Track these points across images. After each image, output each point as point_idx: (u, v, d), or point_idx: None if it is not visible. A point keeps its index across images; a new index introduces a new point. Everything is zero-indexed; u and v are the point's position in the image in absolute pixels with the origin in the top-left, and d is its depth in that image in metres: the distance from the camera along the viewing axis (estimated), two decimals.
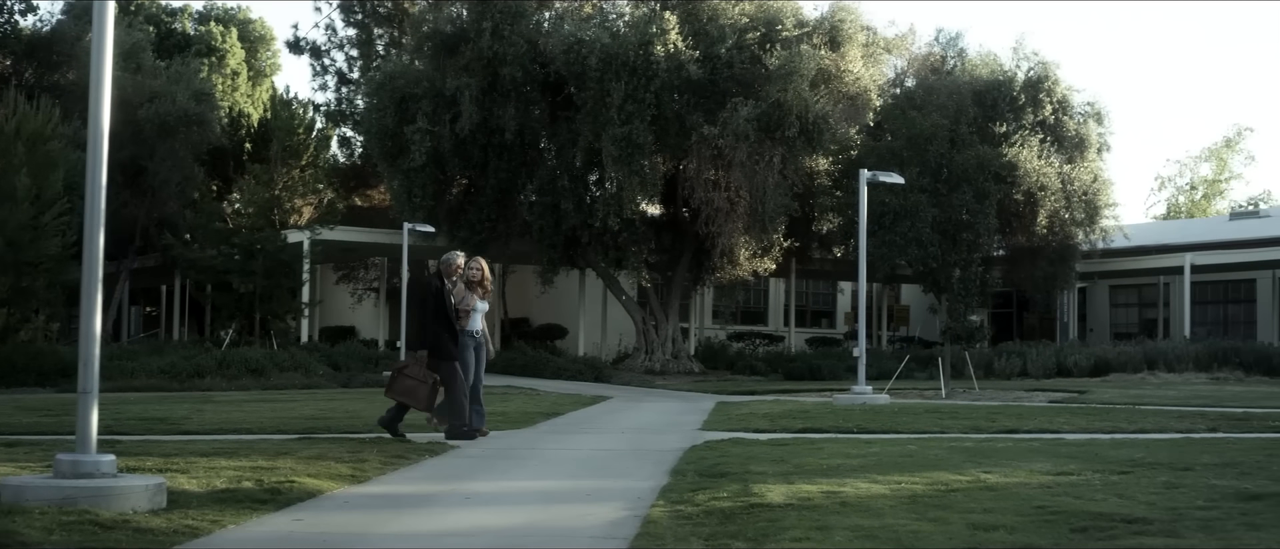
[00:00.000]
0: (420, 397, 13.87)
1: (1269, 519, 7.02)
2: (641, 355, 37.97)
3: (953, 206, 37.32)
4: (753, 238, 35.87)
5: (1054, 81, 42.99)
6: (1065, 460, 10.56)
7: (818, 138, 34.60)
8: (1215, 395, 26.14)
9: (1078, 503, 7.79)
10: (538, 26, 35.94)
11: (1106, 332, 51.49)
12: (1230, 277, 49.67)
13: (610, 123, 33.02)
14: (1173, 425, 15.96)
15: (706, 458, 11.18)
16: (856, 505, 7.86)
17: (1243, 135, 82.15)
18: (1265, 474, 9.34)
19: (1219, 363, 37.81)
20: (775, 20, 35.04)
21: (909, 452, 11.74)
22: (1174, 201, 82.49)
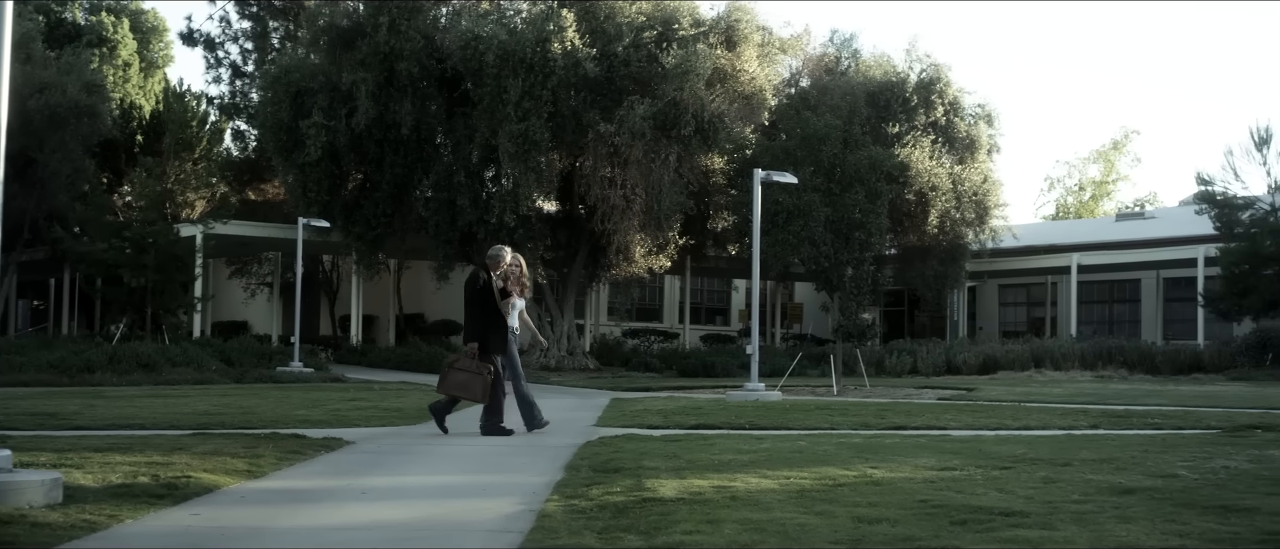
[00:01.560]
0: (475, 390, 14.04)
1: (1140, 512, 7.31)
2: (537, 352, 38.04)
3: (845, 206, 37.74)
4: (648, 235, 36.08)
5: (946, 83, 43.59)
6: (950, 456, 10.82)
7: (713, 137, 34.89)
8: (1099, 393, 26.71)
9: (959, 497, 8.04)
10: (435, 22, 35.90)
11: (995, 330, 52.29)
12: (1116, 277, 50.63)
13: (507, 119, 33.06)
14: (1056, 422, 16.32)
15: (601, 454, 11.32)
16: (746, 499, 8.05)
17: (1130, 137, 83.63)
18: (1140, 469, 9.65)
19: (1104, 361, 38.56)
20: (672, 19, 35.23)
21: (799, 447, 11.96)
22: (1063, 202, 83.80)
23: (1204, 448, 11.66)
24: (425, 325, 45.71)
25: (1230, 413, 18.56)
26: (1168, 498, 7.93)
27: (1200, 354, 38.75)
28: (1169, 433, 14.28)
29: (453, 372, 14.24)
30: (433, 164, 36.20)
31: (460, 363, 14.25)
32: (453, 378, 14.19)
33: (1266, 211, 39.67)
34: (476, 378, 13.98)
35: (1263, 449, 11.44)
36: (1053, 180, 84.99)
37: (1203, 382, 33.85)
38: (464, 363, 14.17)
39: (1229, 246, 39.96)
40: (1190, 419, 16.87)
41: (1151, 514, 7.24)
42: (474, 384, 14.02)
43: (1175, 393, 26.89)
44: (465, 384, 14.10)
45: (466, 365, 14.10)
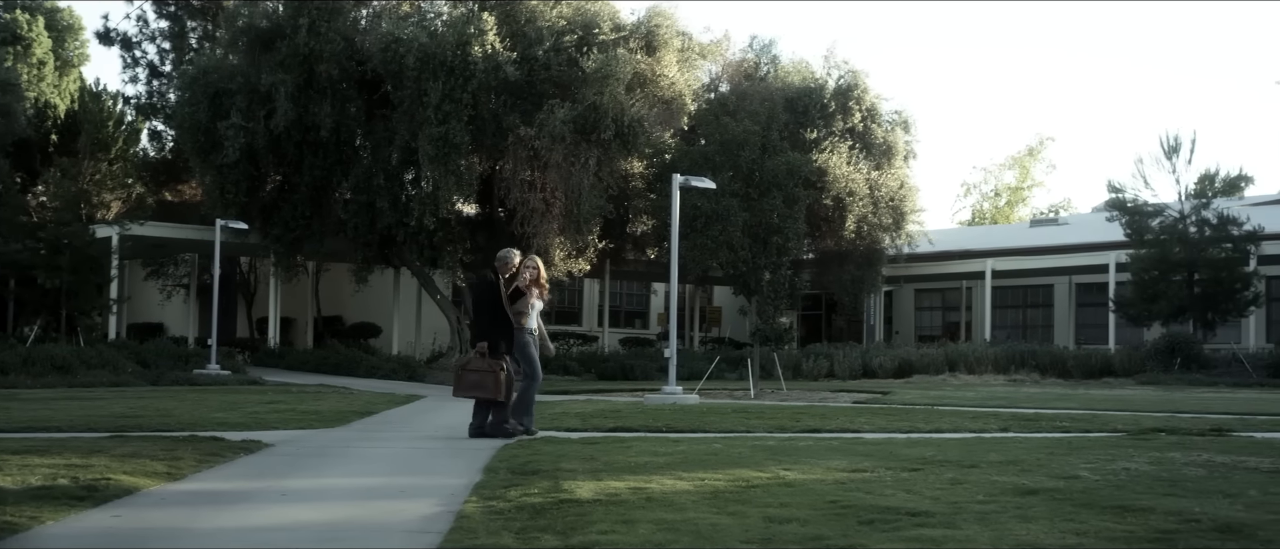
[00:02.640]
0: (490, 387, 14.10)
1: (1040, 512, 7.55)
2: (456, 355, 37.99)
3: (763, 211, 38.03)
4: (568, 238, 36.17)
5: (863, 90, 44.05)
6: (861, 458, 11.05)
7: (633, 141, 35.04)
8: (1011, 396, 27.15)
9: (868, 498, 8.25)
10: (355, 24, 35.83)
11: (911, 334, 52.89)
12: (1030, 282, 51.37)
13: (427, 122, 33.07)
14: (967, 425, 16.63)
15: (519, 456, 11.45)
16: (661, 500, 8.22)
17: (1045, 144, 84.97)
18: (1044, 471, 9.92)
19: (1017, 365, 39.17)
20: (592, 23, 35.36)
21: (714, 450, 12.14)
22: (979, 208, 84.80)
23: (1108, 450, 11.96)
24: (344, 328, 45.58)
25: (1137, 416, 18.95)
26: (1068, 499, 8.19)
27: (1111, 358, 39.44)
28: (1076, 436, 14.58)
29: (466, 373, 14.37)
30: (352, 166, 36.11)
31: (472, 363, 14.34)
32: (467, 379, 14.31)
33: (1176, 219, 40.46)
34: (490, 375, 14.10)
35: (1163, 452, 11.76)
36: (969, 186, 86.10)
37: (1113, 385, 34.45)
38: (476, 363, 14.26)
39: (1139, 253, 40.72)
40: (1097, 423, 17.21)
41: (1051, 514, 7.48)
42: (488, 382, 14.13)
43: (1085, 397, 27.38)
44: (480, 383, 14.19)
45: (479, 365, 14.21)
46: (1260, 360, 37.38)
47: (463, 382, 14.38)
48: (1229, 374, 36.33)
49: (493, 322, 14.40)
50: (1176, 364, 37.37)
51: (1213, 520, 7.15)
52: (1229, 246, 40.13)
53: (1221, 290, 39.66)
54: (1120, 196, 42.82)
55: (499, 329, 14.36)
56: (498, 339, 14.31)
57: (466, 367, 14.45)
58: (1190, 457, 11.24)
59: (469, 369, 14.36)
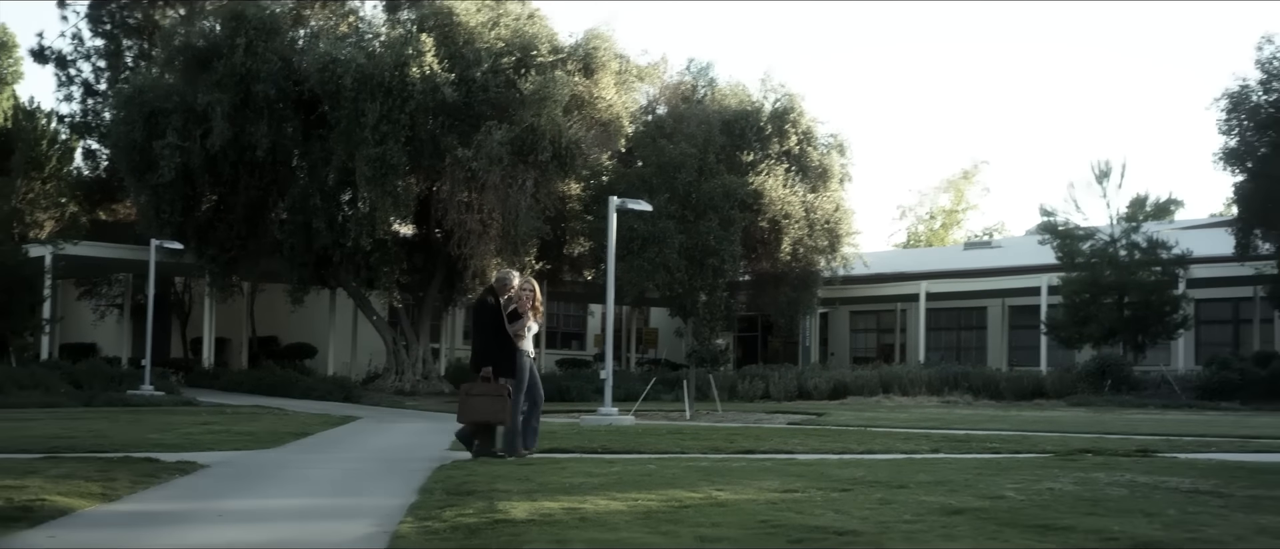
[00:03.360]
0: (499, 411, 14.12)
1: (965, 531, 7.72)
2: (392, 376, 38.01)
3: (700, 233, 38.20)
4: (505, 260, 36.17)
5: (799, 113, 44.34)
6: (793, 479, 11.20)
7: (570, 163, 35.20)
8: (943, 418, 27.40)
9: (798, 517, 8.39)
10: (292, 44, 35.83)
11: (846, 355, 53.18)
12: (964, 304, 51.74)
13: (364, 143, 33.08)
14: (898, 446, 16.81)
15: (454, 477, 11.51)
16: (595, 521, 8.32)
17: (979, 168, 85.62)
18: (971, 491, 10.11)
19: (950, 387, 39.47)
20: (531, 46, 35.51)
21: (649, 471, 12.26)
22: (914, 230, 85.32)
23: (1035, 471, 12.17)
24: (279, 348, 45.36)
25: (1066, 438, 19.20)
26: (993, 518, 8.37)
27: (1043, 380, 39.85)
28: (1005, 457, 14.79)
29: (471, 399, 14.29)
30: (288, 186, 36.05)
31: (477, 388, 14.27)
32: (473, 405, 14.24)
33: (1106, 242, 40.93)
34: (497, 399, 14.09)
35: (1088, 472, 11.98)
36: (905, 209, 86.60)
37: (1044, 407, 34.80)
38: (480, 387, 14.22)
39: (1071, 276, 41.15)
40: (1027, 444, 17.44)
41: (975, 533, 7.65)
42: (496, 406, 14.11)
43: (1016, 418, 27.67)
44: (486, 408, 14.17)
45: (484, 390, 14.17)
46: (1189, 382, 37.89)
47: (469, 407, 14.30)
48: (1158, 396, 36.82)
49: (496, 344, 14.41)
50: (1107, 386, 37.80)
51: (1131, 539, 7.34)
52: (1158, 270, 40.64)
53: (1151, 313, 40.13)
54: (1052, 220, 43.27)
55: (502, 352, 14.38)
56: (501, 362, 14.33)
57: (471, 392, 14.36)
58: (1114, 477, 11.46)
59: (473, 394, 14.30)
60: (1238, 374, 36.46)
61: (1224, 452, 16.23)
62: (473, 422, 14.34)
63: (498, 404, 14.08)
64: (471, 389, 14.38)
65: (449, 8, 35.42)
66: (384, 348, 39.58)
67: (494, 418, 14.21)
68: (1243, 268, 40.98)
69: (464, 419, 14.46)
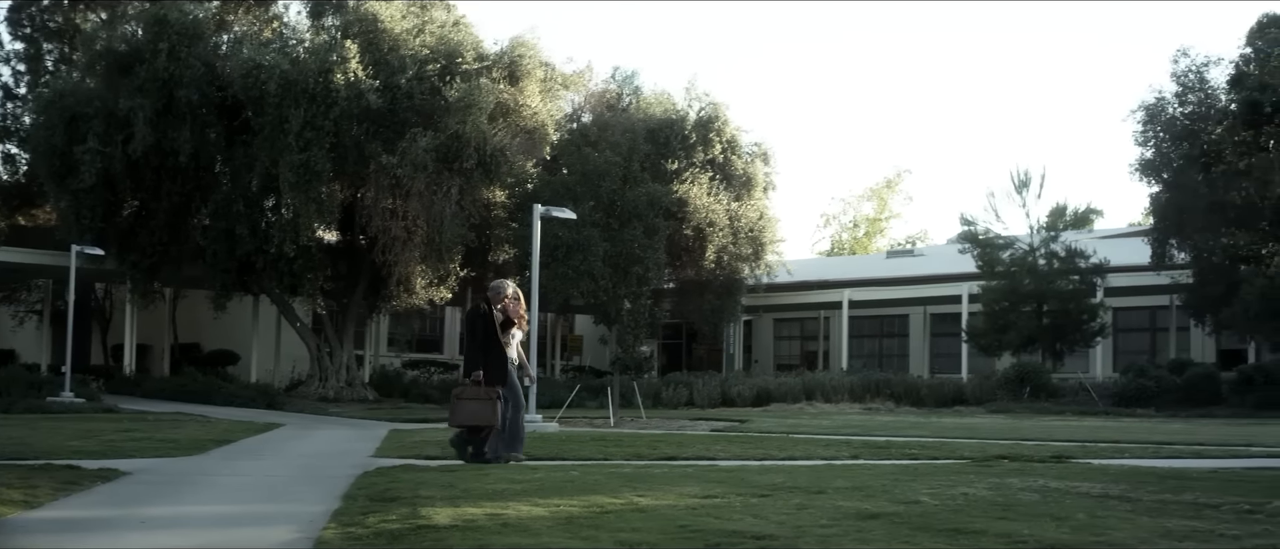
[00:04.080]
0: (488, 415, 14.25)
1: (878, 535, 7.89)
2: (315, 383, 37.89)
3: (624, 241, 38.36)
4: (429, 266, 36.23)
5: (724, 122, 44.64)
6: (714, 485, 11.33)
7: (495, 170, 35.25)
8: (865, 425, 27.66)
9: (717, 522, 8.53)
10: (216, 49, 35.65)
11: (770, 363, 53.51)
12: (886, 312, 52.20)
13: (288, 149, 32.98)
14: (819, 453, 16.98)
15: (378, 483, 11.54)
16: (516, 526, 8.42)
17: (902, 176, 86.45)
18: (887, 496, 10.28)
19: (872, 394, 39.82)
20: (456, 53, 35.54)
21: (571, 477, 12.35)
22: (838, 238, 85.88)
23: (950, 476, 12.37)
24: (202, 355, 45.04)
25: (984, 444, 19.46)
26: (906, 522, 8.54)
27: (963, 387, 40.29)
28: (923, 463, 14.99)
29: (462, 402, 14.45)
30: (212, 192, 35.87)
31: (468, 392, 14.42)
32: (464, 408, 14.42)
33: (1026, 251, 41.47)
34: (487, 404, 14.25)
35: (1003, 478, 12.19)
36: (829, 217, 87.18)
37: (964, 414, 35.18)
38: (471, 391, 14.36)
39: (990, 284, 41.65)
40: (945, 450, 17.67)
41: (889, 537, 7.82)
42: (486, 410, 14.27)
43: (937, 425, 28.00)
44: (477, 412, 14.33)
45: (475, 394, 14.31)
46: (1106, 389, 38.44)
47: (460, 411, 14.49)
48: (1076, 402, 37.32)
49: (486, 351, 14.55)
50: (1026, 393, 38.28)
51: (1038, 542, 7.53)
52: (1077, 279, 41.23)
53: (1069, 321, 40.70)
54: (972, 229, 43.81)
55: (494, 359, 14.54)
56: (492, 369, 14.48)
57: (462, 396, 14.52)
58: (1027, 482, 11.68)
59: (464, 398, 14.46)
60: (1154, 382, 37.03)
61: (1137, 457, 16.54)
62: (463, 425, 14.54)
63: (487, 407, 14.27)
64: (462, 393, 14.55)
65: (374, 14, 35.38)
66: (307, 355, 39.43)
67: (483, 421, 14.38)
68: (1159, 277, 41.65)
69: (455, 423, 14.68)
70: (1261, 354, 38.92)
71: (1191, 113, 39.36)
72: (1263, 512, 9.27)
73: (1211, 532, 8.16)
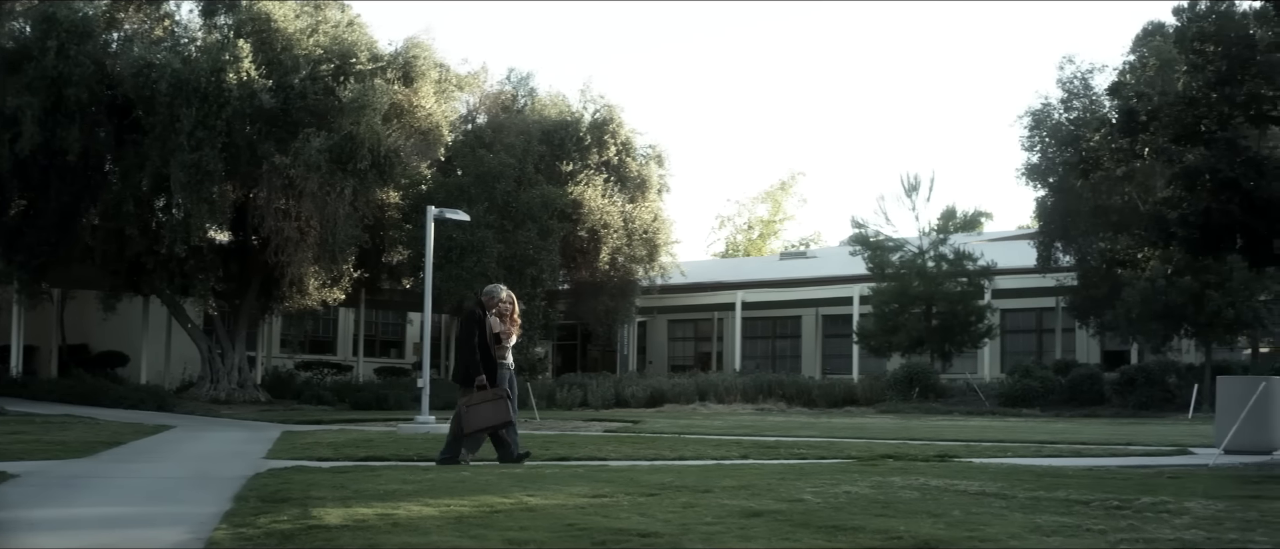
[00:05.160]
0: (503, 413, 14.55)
1: (760, 532, 8.11)
2: (207, 384, 37.59)
3: (518, 242, 38.48)
4: (323, 268, 36.07)
5: (619, 124, 44.88)
6: (604, 485, 11.51)
7: (389, 171, 35.20)
8: (756, 425, 28.03)
9: (604, 521, 8.70)
10: (106, 47, 35.22)
11: (664, 364, 53.82)
12: (779, 313, 52.72)
13: (180, 148, 32.70)
14: (709, 453, 17.22)
15: (269, 485, 11.59)
16: (407, 525, 8.55)
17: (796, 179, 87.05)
18: (772, 495, 10.52)
19: (765, 395, 40.29)
20: (350, 53, 35.43)
21: (463, 478, 12.47)
22: (733, 240, 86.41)
23: (835, 475, 12.64)
24: (90, 357, 44.42)
25: (871, 444, 19.81)
26: (789, 520, 8.77)
27: (854, 388, 40.88)
28: (810, 462, 15.27)
29: (474, 409, 14.55)
30: (101, 192, 35.46)
31: (476, 398, 14.54)
32: (478, 413, 14.54)
33: (915, 254, 42.11)
34: (498, 403, 14.51)
35: (886, 476, 12.49)
36: (724, 219, 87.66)
37: (855, 414, 35.72)
38: (479, 397, 14.52)
39: (880, 286, 42.26)
40: (833, 450, 17.98)
41: (770, 533, 8.04)
42: (498, 411, 14.53)
43: (826, 425, 28.44)
44: (492, 414, 14.54)
45: (483, 398, 14.50)
46: (993, 390, 39.18)
47: (474, 417, 14.59)
48: (964, 403, 38.03)
49: (483, 355, 14.72)
50: (915, 393, 38.91)
51: (914, 538, 7.79)
52: (965, 281, 41.95)
53: (957, 322, 41.41)
54: (863, 232, 44.45)
55: (488, 363, 14.72)
56: (494, 370, 14.71)
57: (471, 404, 14.60)
58: (909, 480, 11.98)
59: (474, 405, 14.57)
60: (1039, 382, 37.80)
61: (1018, 456, 16.94)
62: (480, 429, 14.70)
63: (500, 408, 14.55)
64: (471, 400, 14.63)
65: (267, 13, 35.17)
66: (199, 356, 39.10)
67: (499, 421, 14.61)
68: (1045, 279, 42.51)
69: (472, 429, 14.73)
70: (1143, 355, 39.82)
71: (1076, 119, 40.24)
72: (1130, 508, 9.61)
73: (1079, 527, 8.48)
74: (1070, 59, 41.46)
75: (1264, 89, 15.16)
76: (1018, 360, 42.72)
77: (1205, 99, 15.27)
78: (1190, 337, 36.12)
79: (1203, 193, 15.03)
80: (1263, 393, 17.07)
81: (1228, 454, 16.29)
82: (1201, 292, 33.47)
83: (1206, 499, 10.25)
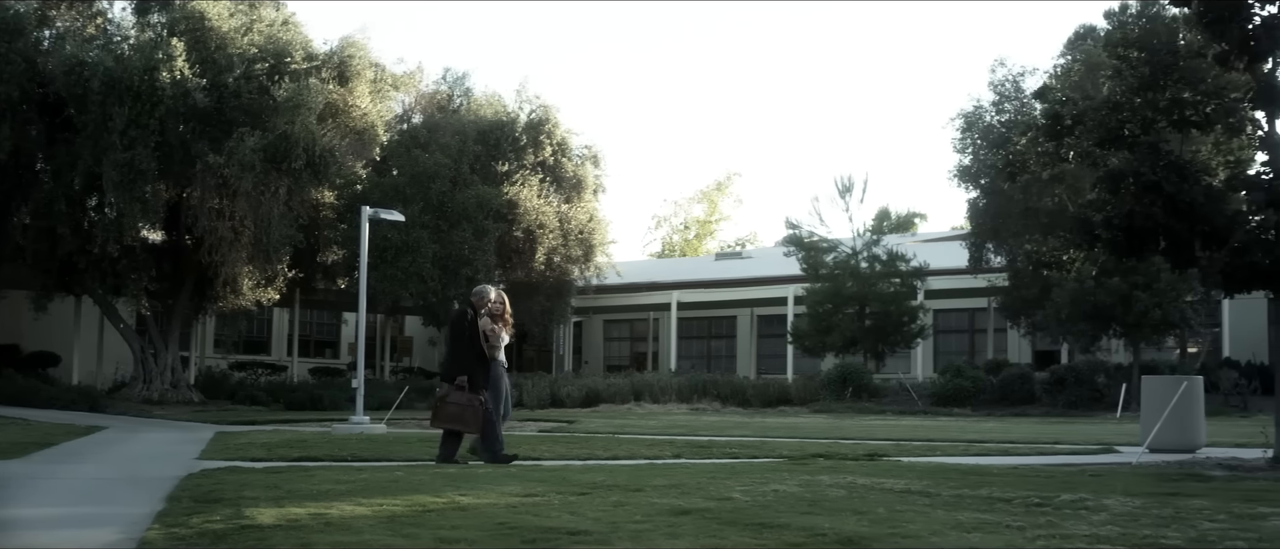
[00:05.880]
0: (469, 421, 14.52)
1: (688, 530, 8.25)
2: (140, 385, 37.35)
3: (454, 243, 38.48)
4: (257, 267, 35.93)
5: (555, 124, 44.95)
6: (536, 484, 11.62)
7: (324, 171, 35.10)
8: (690, 425, 28.22)
9: (535, 520, 8.82)
10: (37, 45, 34.93)
11: (600, 364, 53.96)
12: (714, 313, 52.99)
13: (112, 148, 32.49)
14: (643, 452, 17.35)
15: (202, 485, 11.61)
16: (339, 525, 8.63)
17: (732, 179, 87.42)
18: (701, 494, 10.67)
19: (700, 394, 40.51)
20: (285, 52, 35.31)
21: (396, 478, 12.55)
22: (669, 240, 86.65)
23: (765, 475, 12.81)
24: (21, 357, 44.01)
25: (803, 443, 20.02)
26: (716, 517, 8.92)
27: (789, 388, 41.16)
28: (741, 462, 15.44)
29: (445, 405, 14.67)
30: (33, 191, 35.17)
31: (451, 396, 14.63)
32: (446, 411, 14.65)
33: (848, 255, 42.45)
34: (469, 409, 14.52)
35: (815, 475, 12.67)
36: (660, 219, 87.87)
37: (788, 414, 35.98)
38: (455, 396, 14.58)
39: (815, 287, 42.57)
40: (765, 449, 18.18)
41: (697, 531, 8.18)
42: (467, 415, 14.56)
43: (760, 425, 28.67)
44: (458, 416, 14.60)
45: (458, 398, 14.55)
46: (926, 389, 39.55)
47: (442, 414, 14.75)
48: (897, 403, 38.37)
49: (471, 355, 14.82)
50: (848, 393, 39.22)
51: (837, 534, 7.95)
52: (898, 281, 42.34)
53: (891, 323, 41.78)
54: (797, 232, 44.74)
55: (477, 362, 14.80)
56: (477, 372, 14.73)
57: (445, 399, 14.73)
58: (837, 479, 12.16)
59: (448, 401, 14.67)
60: (971, 382, 38.21)
61: (947, 455, 17.20)
62: (443, 427, 14.84)
63: (470, 412, 14.58)
64: (446, 395, 14.78)
65: (201, 11, 34.99)
66: (131, 356, 38.85)
67: (464, 426, 14.73)
68: (976, 280, 42.92)
69: (436, 424, 14.97)
70: (1073, 355, 40.28)
71: (1008, 121, 40.67)
72: (1050, 505, 9.83)
73: (999, 523, 8.68)
74: (1002, 62, 42.04)
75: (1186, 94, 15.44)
76: (950, 360, 43.13)
77: (1129, 104, 15.54)
78: (1119, 337, 36.59)
79: (1126, 196, 15.27)
80: (1185, 392, 17.42)
81: (1152, 452, 16.60)
82: (1129, 293, 33.92)
83: (1125, 496, 10.49)
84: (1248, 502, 10.21)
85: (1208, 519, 8.99)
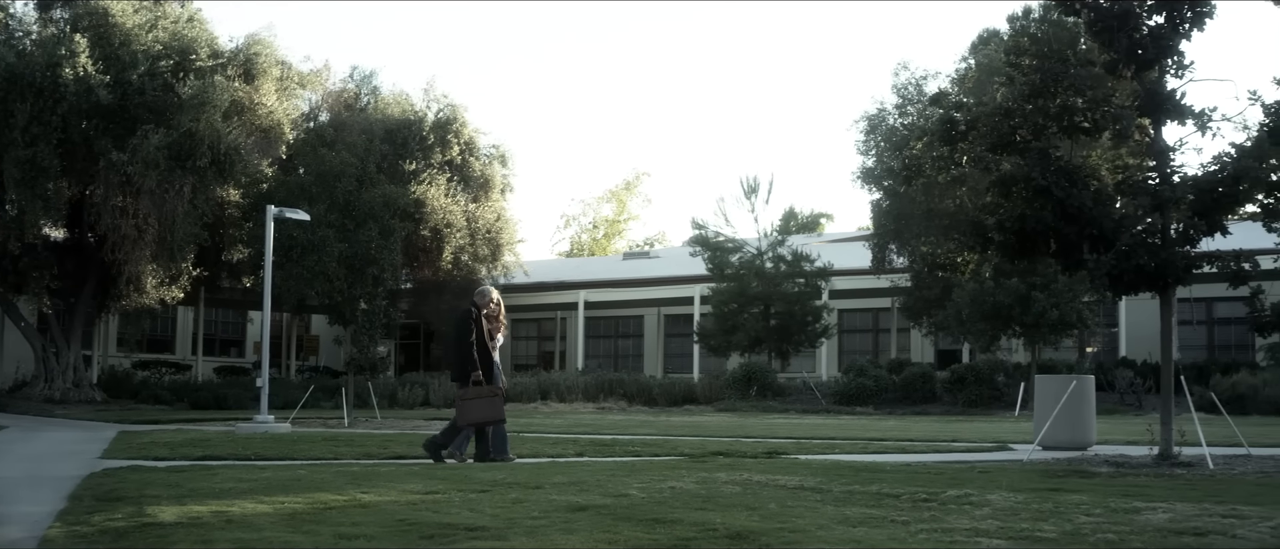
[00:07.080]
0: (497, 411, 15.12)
1: (583, 525, 8.47)
2: (41, 384, 37.00)
3: (360, 242, 38.42)
4: (161, 266, 35.72)
5: (462, 124, 44.98)
6: (436, 482, 11.79)
7: (229, 169, 34.95)
8: (595, 423, 28.40)
9: (434, 516, 9.00)
10: None
11: (508, 362, 53.93)
12: (621, 313, 53.18)
13: (13, 144, 32.19)
14: (546, 451, 17.55)
15: (104, 484, 11.66)
16: (240, 522, 8.76)
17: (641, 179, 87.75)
18: (600, 491, 10.89)
19: (606, 393, 40.72)
20: (190, 49, 35.12)
21: (298, 476, 12.66)
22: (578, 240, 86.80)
23: (664, 472, 13.05)
24: None
25: (705, 442, 20.27)
26: (612, 513, 9.14)
27: (695, 387, 41.47)
28: (642, 460, 15.67)
29: (469, 403, 15.05)
30: None
31: (471, 393, 15.03)
32: (473, 408, 15.05)
33: (754, 255, 42.84)
34: (493, 400, 15.05)
35: (712, 472, 12.93)
36: (569, 218, 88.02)
37: (694, 412, 36.24)
38: (474, 391, 15.01)
39: (720, 286, 42.90)
40: (667, 447, 18.40)
41: (592, 526, 8.40)
42: (494, 406, 15.07)
43: (665, 423, 28.90)
44: (487, 409, 15.04)
45: (480, 393, 14.99)
46: (829, 388, 39.99)
47: (469, 412, 15.11)
48: (801, 401, 38.77)
49: (479, 353, 15.19)
50: (753, 392, 39.58)
51: (728, 529, 8.20)
52: (802, 281, 42.76)
53: (795, 322, 42.20)
54: (703, 233, 45.08)
55: (485, 361, 15.19)
56: (490, 367, 15.23)
57: (467, 397, 15.12)
58: (734, 476, 12.43)
59: (470, 399, 15.07)
60: (873, 381, 38.68)
61: (845, 452, 17.50)
62: (472, 423, 15.18)
63: (495, 404, 15.11)
64: (467, 394, 15.16)
65: (104, 8, 34.71)
66: (32, 355, 38.46)
67: (492, 417, 15.15)
68: (880, 280, 43.46)
69: (465, 422, 15.25)
70: (974, 355, 40.88)
71: (910, 124, 41.24)
72: (936, 500, 10.15)
73: (885, 518, 8.97)
74: (906, 65, 42.52)
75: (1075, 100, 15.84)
76: (854, 359, 43.59)
77: (1020, 110, 15.92)
78: (1018, 337, 37.20)
79: (1018, 200, 15.67)
80: (1075, 391, 17.88)
81: (1044, 450, 17.04)
82: (1028, 293, 34.52)
83: (1009, 492, 10.84)
84: (1125, 497, 10.58)
85: (1084, 513, 9.33)
